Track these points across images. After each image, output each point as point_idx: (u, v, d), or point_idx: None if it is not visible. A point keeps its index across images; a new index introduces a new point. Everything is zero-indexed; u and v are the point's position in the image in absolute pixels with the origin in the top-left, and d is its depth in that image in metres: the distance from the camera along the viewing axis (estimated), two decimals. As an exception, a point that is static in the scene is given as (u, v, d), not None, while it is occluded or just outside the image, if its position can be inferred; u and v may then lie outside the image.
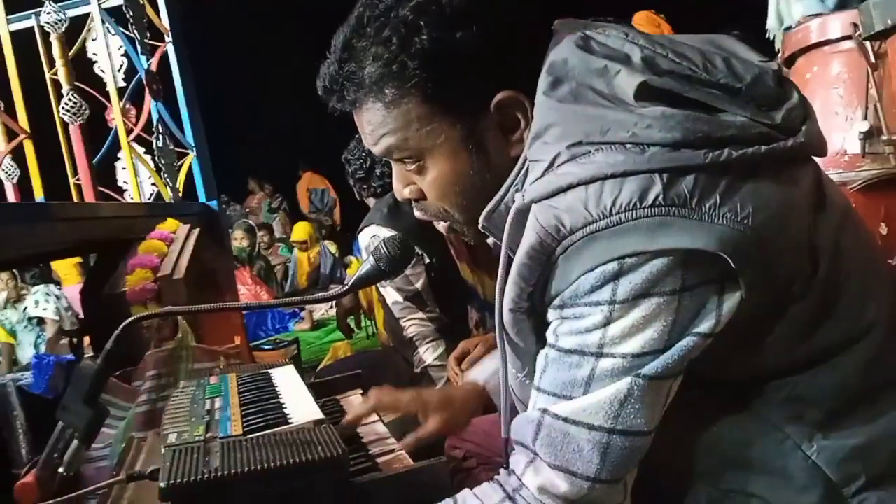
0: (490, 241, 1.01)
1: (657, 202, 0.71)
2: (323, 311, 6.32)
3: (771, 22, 2.78)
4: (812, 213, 0.79)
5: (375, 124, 0.88)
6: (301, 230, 7.95)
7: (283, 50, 10.50)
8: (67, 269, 6.00)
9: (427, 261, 2.14)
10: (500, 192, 0.86)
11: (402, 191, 0.96)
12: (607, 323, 0.74)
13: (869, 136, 1.38)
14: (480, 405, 1.20)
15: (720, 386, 0.82)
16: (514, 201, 0.82)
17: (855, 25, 1.43)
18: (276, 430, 0.97)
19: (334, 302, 6.08)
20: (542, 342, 0.82)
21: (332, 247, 8.10)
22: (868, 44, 1.41)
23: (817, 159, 0.85)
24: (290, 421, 1.01)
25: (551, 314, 0.79)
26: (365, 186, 2.32)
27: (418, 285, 2.13)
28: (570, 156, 0.76)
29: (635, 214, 0.71)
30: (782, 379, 0.80)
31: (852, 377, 0.80)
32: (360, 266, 1.02)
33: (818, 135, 0.82)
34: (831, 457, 0.79)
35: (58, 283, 5.62)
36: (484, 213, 0.88)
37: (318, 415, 1.03)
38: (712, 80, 0.78)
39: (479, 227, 0.90)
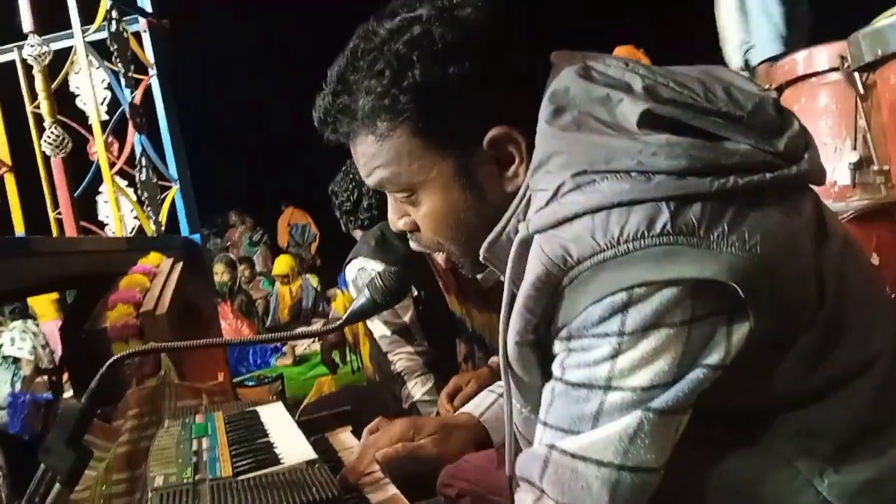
0: (480, 275, 1.00)
1: (665, 231, 0.70)
2: (305, 345, 6.26)
3: (735, 63, 2.87)
4: (816, 242, 0.78)
5: (368, 156, 0.88)
6: (283, 263, 7.91)
7: (267, 84, 10.58)
8: (44, 306, 5.88)
9: (415, 293, 2.12)
10: (501, 223, 0.85)
11: (396, 222, 0.95)
12: (616, 355, 0.72)
13: (858, 166, 1.39)
14: (476, 436, 1.16)
15: (729, 420, 0.81)
16: (516, 231, 0.81)
17: (842, 58, 1.45)
18: (267, 470, 0.94)
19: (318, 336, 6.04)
20: (547, 376, 0.80)
21: (313, 280, 8.05)
22: (857, 75, 1.43)
23: None
24: (281, 461, 0.98)
25: (557, 346, 0.77)
26: (352, 219, 2.31)
27: (406, 318, 2.11)
28: (575, 185, 0.75)
29: (643, 244, 0.70)
30: (791, 412, 0.79)
31: (860, 409, 0.79)
32: (344, 299, 1.00)
33: (819, 163, 0.82)
34: (842, 492, 0.77)
35: (35, 319, 5.51)
36: (485, 244, 0.87)
37: (311, 454, 1.00)
38: (714, 109, 0.77)
39: (481, 258, 0.89)
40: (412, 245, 0.97)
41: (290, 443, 1.07)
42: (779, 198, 0.75)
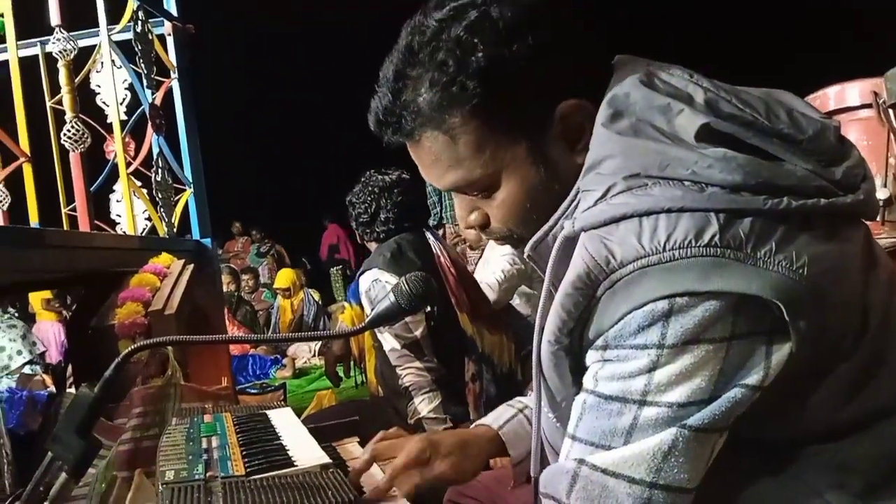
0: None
1: (713, 242, 0.68)
2: (305, 359, 6.22)
3: None
4: (864, 272, 0.77)
5: (436, 156, 0.85)
6: (284, 277, 7.86)
7: (283, 104, 10.64)
8: (38, 304, 5.86)
9: (428, 309, 2.10)
10: (549, 223, 0.83)
11: (467, 218, 0.92)
12: (654, 368, 0.70)
13: (888, 203, 1.37)
14: (493, 450, 1.13)
15: (761, 448, 0.79)
16: (562, 230, 0.79)
17: (875, 94, 1.44)
18: (280, 472, 0.92)
19: (319, 350, 6.01)
20: (577, 385, 0.78)
21: (315, 294, 8.01)
22: (892, 111, 1.41)
23: None
24: (294, 463, 0.96)
25: (591, 356, 0.75)
26: (368, 231, 2.30)
27: (417, 333, 2.08)
28: (626, 187, 0.74)
29: (689, 252, 0.68)
30: (825, 443, 0.77)
31: (894, 446, 0.77)
32: (352, 312, 0.97)
33: (874, 197, 0.81)
34: None
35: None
36: (531, 242, 0.85)
37: (325, 458, 0.98)
38: (774, 130, 0.76)
39: (525, 256, 0.87)
40: (472, 236, 0.94)
41: (302, 446, 1.05)
42: (830, 225, 0.74)
